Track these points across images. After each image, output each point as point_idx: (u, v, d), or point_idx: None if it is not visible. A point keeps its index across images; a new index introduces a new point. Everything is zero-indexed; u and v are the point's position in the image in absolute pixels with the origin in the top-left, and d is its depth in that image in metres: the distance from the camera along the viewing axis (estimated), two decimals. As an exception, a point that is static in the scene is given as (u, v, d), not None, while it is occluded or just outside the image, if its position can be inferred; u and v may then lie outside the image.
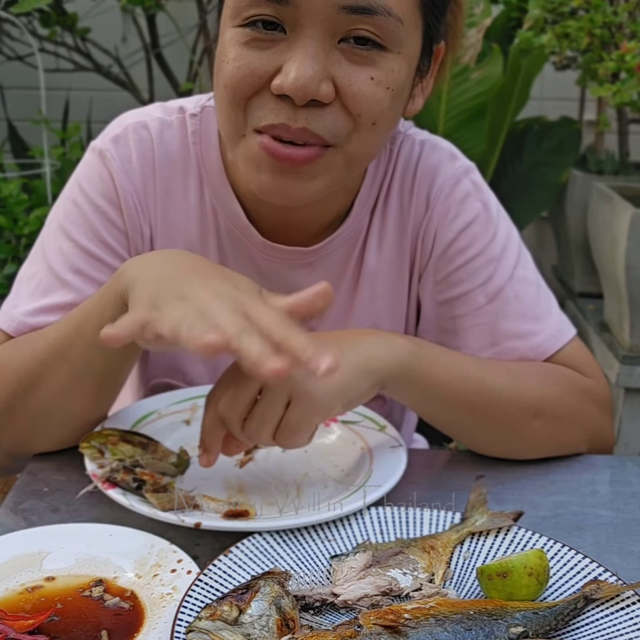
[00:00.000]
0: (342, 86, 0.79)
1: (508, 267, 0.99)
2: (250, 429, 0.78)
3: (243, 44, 0.80)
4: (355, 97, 0.80)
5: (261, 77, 0.80)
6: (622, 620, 0.66)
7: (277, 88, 0.78)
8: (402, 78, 0.82)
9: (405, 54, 0.82)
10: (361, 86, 0.80)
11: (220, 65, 0.82)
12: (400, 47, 0.81)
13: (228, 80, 0.81)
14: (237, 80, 0.80)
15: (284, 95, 0.78)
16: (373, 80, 0.80)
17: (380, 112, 0.82)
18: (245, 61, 0.80)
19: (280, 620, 0.63)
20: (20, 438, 0.91)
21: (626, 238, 2.11)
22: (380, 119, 0.82)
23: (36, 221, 2.18)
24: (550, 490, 0.90)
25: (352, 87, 0.79)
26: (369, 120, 0.81)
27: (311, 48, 0.78)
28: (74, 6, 2.71)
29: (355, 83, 0.79)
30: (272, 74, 0.79)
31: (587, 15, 2.21)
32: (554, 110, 2.90)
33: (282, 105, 0.79)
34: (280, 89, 0.78)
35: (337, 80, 0.79)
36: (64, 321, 0.87)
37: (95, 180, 0.96)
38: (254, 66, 0.80)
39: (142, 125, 0.97)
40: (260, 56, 0.79)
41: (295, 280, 1.00)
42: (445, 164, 1.00)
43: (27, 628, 0.64)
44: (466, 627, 0.62)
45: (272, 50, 0.79)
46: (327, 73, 0.78)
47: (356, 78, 0.79)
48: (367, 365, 0.84)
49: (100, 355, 0.84)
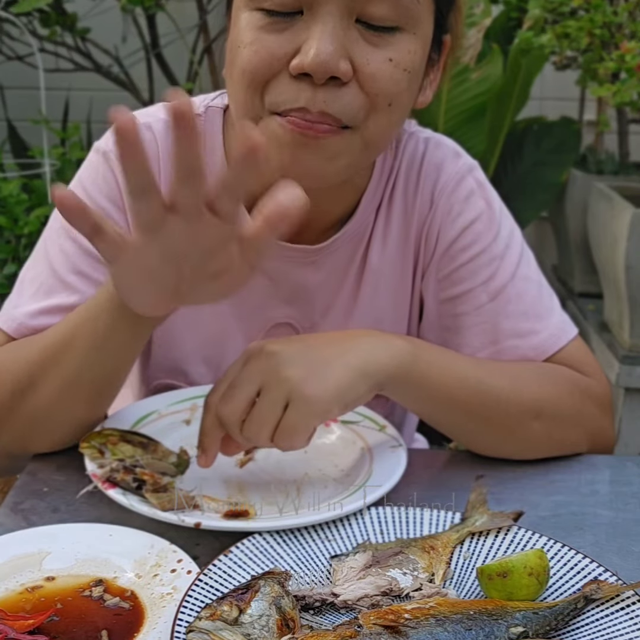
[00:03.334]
0: (360, 65, 0.79)
1: (510, 266, 0.99)
2: (248, 430, 0.78)
3: (260, 27, 0.79)
4: (374, 76, 0.80)
5: (280, 59, 0.79)
6: (622, 620, 0.66)
7: (296, 67, 0.78)
8: (417, 60, 0.83)
9: (419, 35, 0.82)
10: (380, 66, 0.80)
11: (235, 51, 0.82)
12: (415, 27, 0.81)
13: (246, 64, 0.80)
14: (254, 64, 0.80)
15: (302, 75, 0.78)
16: (391, 61, 0.80)
17: (398, 94, 0.82)
18: (263, 44, 0.79)
19: (280, 620, 0.63)
20: (18, 439, 0.91)
21: (626, 238, 2.11)
22: (396, 100, 0.82)
23: (36, 221, 2.18)
24: (550, 490, 0.90)
25: (370, 67, 0.79)
26: (386, 101, 0.81)
27: (329, 25, 0.77)
28: (74, 6, 2.71)
29: (372, 62, 0.79)
30: (291, 56, 0.79)
31: (587, 15, 2.21)
32: (554, 110, 2.90)
33: (301, 87, 0.79)
34: (300, 67, 0.77)
35: (354, 59, 0.79)
36: (61, 325, 0.87)
37: (99, 181, 0.96)
38: (271, 49, 0.79)
39: (146, 126, 0.97)
40: (277, 38, 0.79)
41: (300, 279, 1.00)
42: (449, 162, 1.00)
43: (27, 628, 0.64)
44: (466, 627, 0.62)
45: (289, 31, 0.79)
46: (345, 51, 0.78)
47: (373, 58, 0.79)
48: (365, 368, 0.84)
49: (96, 361, 0.84)
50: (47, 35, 2.67)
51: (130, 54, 2.83)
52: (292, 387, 0.78)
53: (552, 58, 2.46)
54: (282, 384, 0.78)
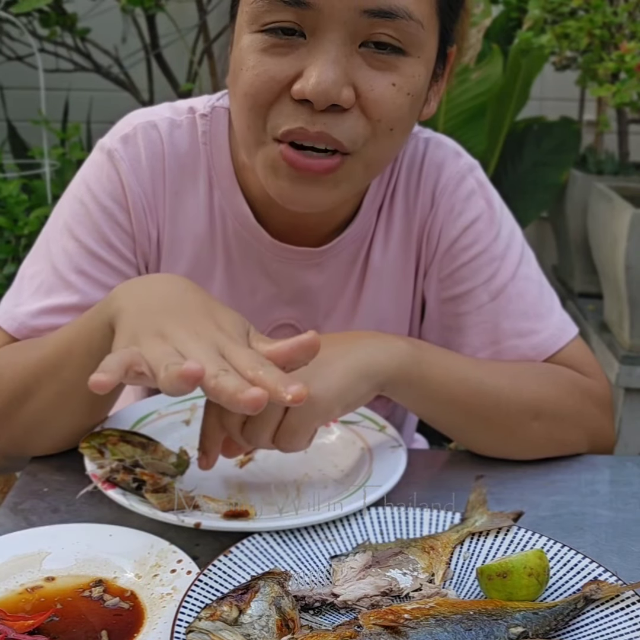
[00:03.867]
0: (364, 91, 0.79)
1: (511, 265, 0.99)
2: (249, 432, 0.78)
3: (262, 50, 0.79)
4: (377, 102, 0.79)
5: (280, 82, 0.79)
6: (622, 620, 0.66)
7: (297, 93, 0.78)
8: (421, 83, 0.82)
9: (424, 58, 0.82)
10: (383, 92, 0.79)
11: (238, 73, 0.81)
12: (420, 51, 0.81)
13: (247, 87, 0.80)
14: (256, 87, 0.80)
15: (304, 100, 0.78)
16: (394, 86, 0.80)
17: (399, 119, 0.82)
18: (265, 68, 0.79)
19: (280, 620, 0.63)
20: (16, 443, 0.91)
21: (626, 238, 2.11)
22: (398, 125, 0.82)
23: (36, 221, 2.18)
24: (550, 490, 0.90)
25: (374, 92, 0.79)
26: (388, 126, 0.81)
27: (332, 52, 0.77)
28: (74, 6, 2.71)
29: (376, 88, 0.79)
30: (292, 79, 0.78)
31: (587, 15, 2.21)
32: (554, 110, 2.90)
33: (300, 110, 0.79)
34: (302, 93, 0.77)
35: (358, 85, 0.79)
36: (58, 337, 0.86)
37: (103, 180, 0.95)
38: (273, 72, 0.79)
39: (152, 125, 0.96)
40: (280, 62, 0.79)
41: (303, 281, 1.00)
42: (450, 161, 1.00)
43: (27, 628, 0.64)
44: (466, 627, 0.62)
45: (292, 55, 0.78)
46: (348, 78, 0.78)
47: (377, 83, 0.79)
48: (366, 369, 0.84)
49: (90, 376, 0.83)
50: (47, 36, 2.67)
51: (130, 54, 2.83)
52: None
53: (552, 58, 2.46)
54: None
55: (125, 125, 0.98)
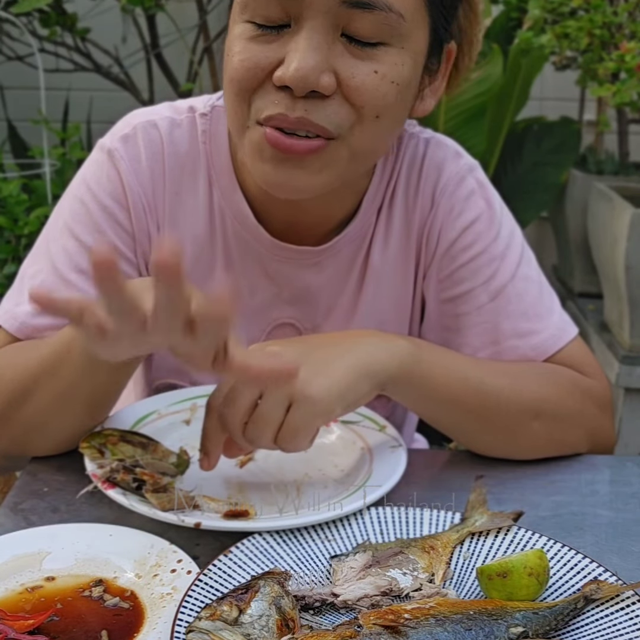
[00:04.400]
0: (345, 78, 0.79)
1: (511, 266, 0.99)
2: (251, 433, 0.78)
3: (249, 38, 0.81)
4: (358, 89, 0.80)
5: (264, 69, 0.80)
6: (622, 620, 0.66)
7: (278, 79, 0.79)
8: (406, 72, 0.82)
9: (409, 49, 0.82)
10: (364, 79, 0.80)
11: (227, 60, 0.83)
12: (402, 42, 0.81)
13: (233, 73, 0.82)
14: (241, 73, 0.81)
15: (285, 86, 0.79)
16: (377, 73, 0.80)
17: (385, 106, 0.82)
18: (250, 54, 0.80)
19: (280, 620, 0.63)
20: (16, 444, 0.91)
21: (626, 238, 2.11)
22: (384, 113, 0.82)
23: (36, 221, 2.18)
24: (550, 490, 0.90)
25: (355, 80, 0.79)
26: (372, 113, 0.81)
27: (314, 39, 0.78)
28: (74, 6, 2.71)
29: (357, 76, 0.79)
30: (275, 66, 0.79)
31: (587, 15, 2.21)
32: (554, 110, 2.90)
33: (282, 96, 0.80)
34: (282, 79, 0.78)
35: (339, 72, 0.79)
36: (57, 338, 0.86)
37: (103, 180, 0.95)
38: (257, 59, 0.80)
39: (152, 124, 0.97)
40: (264, 49, 0.80)
41: (302, 280, 1.00)
42: (450, 162, 1.00)
43: (27, 628, 0.64)
44: (466, 627, 0.62)
45: (276, 43, 0.80)
46: (329, 65, 0.79)
47: (359, 71, 0.79)
48: (367, 368, 0.84)
49: (89, 377, 0.84)
50: (47, 36, 2.66)
51: (130, 54, 2.83)
52: (294, 389, 0.78)
53: (552, 58, 2.46)
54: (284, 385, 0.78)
55: (125, 125, 0.98)
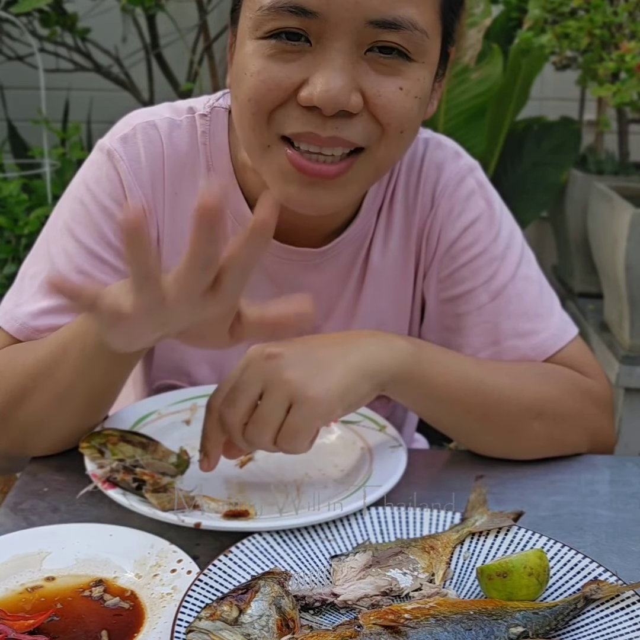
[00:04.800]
0: (371, 97, 0.79)
1: (511, 266, 0.99)
2: (251, 434, 0.78)
3: (267, 56, 0.79)
4: (385, 107, 0.80)
5: (287, 90, 0.79)
6: (622, 620, 0.66)
7: (305, 100, 0.78)
8: (427, 86, 0.83)
9: (428, 62, 0.82)
10: (390, 97, 0.80)
11: (242, 78, 0.81)
12: (424, 57, 0.81)
13: (252, 93, 0.80)
14: (262, 93, 0.80)
15: (311, 107, 0.78)
16: (402, 90, 0.80)
17: (409, 121, 0.82)
18: (270, 74, 0.79)
19: (280, 620, 0.63)
20: (15, 444, 0.91)
21: (626, 238, 2.11)
22: (407, 127, 0.83)
23: (36, 221, 2.18)
24: (550, 490, 0.90)
25: (382, 98, 0.79)
26: (398, 129, 0.82)
27: (339, 60, 0.77)
28: (74, 6, 2.71)
29: (384, 93, 0.79)
30: (298, 86, 0.79)
31: (587, 15, 2.21)
32: (554, 110, 2.90)
33: (308, 116, 0.79)
34: (310, 100, 0.77)
35: (365, 90, 0.79)
36: (54, 338, 0.86)
37: (103, 180, 0.95)
38: (279, 79, 0.79)
39: (151, 125, 0.97)
40: (285, 68, 0.79)
41: (303, 281, 1.00)
42: (449, 162, 1.00)
43: (27, 628, 0.64)
44: (466, 627, 0.62)
45: (297, 62, 0.78)
46: (355, 84, 0.78)
47: (385, 88, 0.79)
48: (368, 369, 0.84)
49: (87, 376, 0.84)
50: (47, 35, 2.67)
51: (130, 54, 2.83)
52: (294, 389, 0.78)
53: (552, 58, 2.46)
54: (284, 386, 0.78)
55: (125, 125, 0.98)
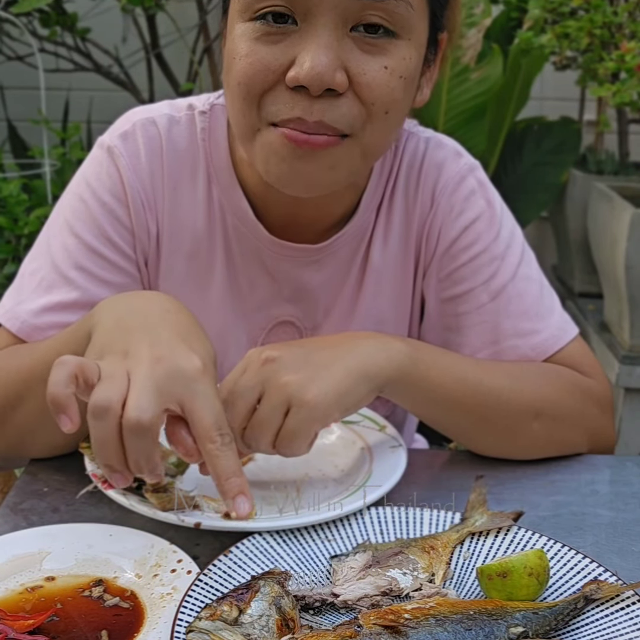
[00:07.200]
0: (356, 75, 0.79)
1: (511, 266, 0.99)
2: (249, 437, 0.78)
3: (254, 39, 0.80)
4: (369, 86, 0.80)
5: (275, 71, 0.79)
6: (622, 620, 0.66)
7: (292, 79, 0.78)
8: (412, 66, 0.83)
9: (414, 40, 0.82)
10: (375, 75, 0.80)
11: (231, 62, 0.82)
12: (410, 34, 0.81)
13: (241, 76, 0.81)
14: (250, 76, 0.80)
15: (299, 87, 0.78)
16: (387, 69, 0.80)
17: (394, 101, 0.82)
18: (258, 56, 0.79)
19: (280, 620, 0.63)
20: (11, 447, 0.91)
21: (626, 238, 2.11)
22: (393, 108, 0.82)
23: (36, 221, 2.18)
24: (550, 490, 0.90)
25: (366, 76, 0.79)
26: (382, 109, 0.81)
27: (324, 37, 0.77)
28: (74, 6, 2.71)
29: (368, 72, 0.79)
30: (286, 67, 0.79)
31: (587, 15, 2.21)
32: (554, 110, 2.90)
33: (297, 98, 0.79)
34: (296, 79, 0.78)
35: (350, 69, 0.79)
36: (49, 344, 0.86)
37: (103, 176, 0.96)
38: (266, 61, 0.79)
39: (150, 121, 0.97)
40: (272, 50, 0.79)
41: (302, 278, 1.00)
42: (450, 161, 1.00)
43: (27, 628, 0.64)
44: (466, 627, 0.62)
45: (284, 43, 0.79)
46: (340, 62, 0.78)
47: (369, 67, 0.79)
48: (365, 371, 0.84)
49: None
50: (47, 35, 2.66)
51: (130, 54, 2.83)
52: (292, 393, 0.78)
53: (552, 58, 2.46)
54: (282, 389, 0.78)
55: (125, 122, 0.98)
